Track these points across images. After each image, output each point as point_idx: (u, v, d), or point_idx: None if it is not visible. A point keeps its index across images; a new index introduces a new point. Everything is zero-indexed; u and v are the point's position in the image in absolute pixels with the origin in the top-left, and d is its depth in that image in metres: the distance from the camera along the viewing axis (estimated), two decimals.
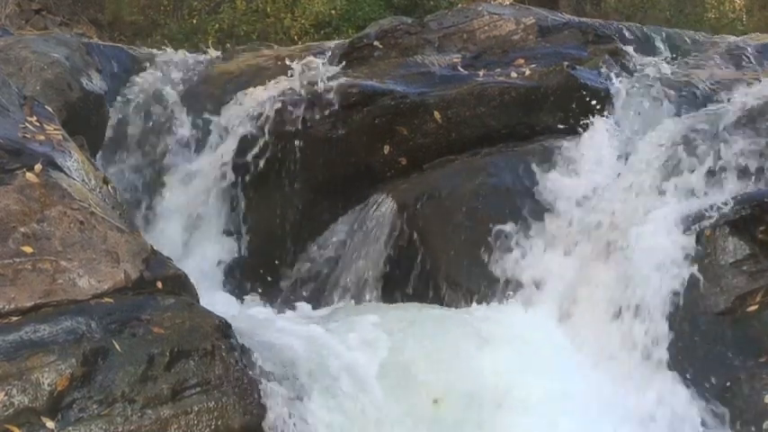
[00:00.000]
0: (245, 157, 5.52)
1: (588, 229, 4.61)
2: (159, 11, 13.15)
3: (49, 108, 4.55)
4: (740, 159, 4.42)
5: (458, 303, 4.69)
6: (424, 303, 4.73)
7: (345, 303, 4.91)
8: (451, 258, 4.85)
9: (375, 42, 6.03)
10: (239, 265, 5.53)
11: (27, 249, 3.47)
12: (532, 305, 4.54)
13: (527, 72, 5.46)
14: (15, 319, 3.28)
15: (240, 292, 5.35)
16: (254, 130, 5.52)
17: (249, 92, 5.74)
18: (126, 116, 5.94)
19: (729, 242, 4.15)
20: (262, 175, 5.51)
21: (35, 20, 12.17)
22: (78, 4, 13.01)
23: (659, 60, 5.82)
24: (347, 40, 6.58)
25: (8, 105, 4.20)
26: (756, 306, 4.02)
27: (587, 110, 5.23)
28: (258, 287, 5.40)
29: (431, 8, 11.07)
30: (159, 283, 3.64)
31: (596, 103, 5.29)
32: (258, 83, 5.78)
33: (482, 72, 5.52)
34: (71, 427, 3.10)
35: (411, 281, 4.94)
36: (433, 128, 5.30)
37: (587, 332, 4.25)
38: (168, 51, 6.61)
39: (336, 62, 5.91)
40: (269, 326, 4.08)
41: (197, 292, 3.89)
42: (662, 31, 6.41)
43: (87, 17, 12.83)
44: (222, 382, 3.31)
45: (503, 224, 4.82)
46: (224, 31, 11.91)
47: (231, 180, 5.55)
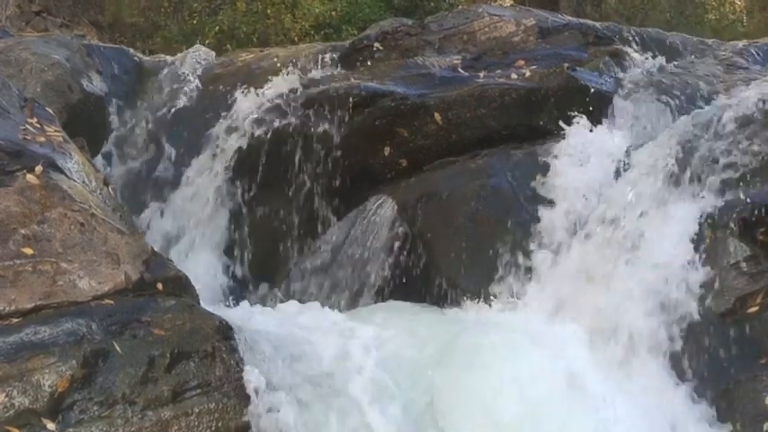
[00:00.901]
0: (244, 159, 5.53)
1: (589, 231, 4.61)
2: (159, 12, 13.13)
3: (50, 110, 4.55)
4: (741, 160, 4.42)
5: (458, 304, 4.69)
6: (424, 304, 4.73)
7: (346, 305, 4.91)
8: (452, 260, 4.84)
9: (375, 44, 6.04)
10: (239, 266, 5.54)
11: (27, 251, 3.47)
12: (532, 306, 4.54)
13: (527, 73, 5.46)
14: (16, 320, 3.29)
15: (240, 293, 5.34)
16: (253, 132, 5.52)
17: (249, 93, 5.74)
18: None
19: (730, 243, 4.16)
20: (262, 177, 5.52)
21: (35, 21, 12.18)
22: (79, 5, 13.02)
23: (660, 61, 5.82)
24: (347, 42, 6.59)
25: (8, 107, 4.20)
26: (757, 307, 4.02)
27: (588, 111, 5.22)
28: (258, 288, 5.41)
29: (431, 10, 11.07)
30: (160, 285, 3.64)
31: (597, 104, 5.29)
32: (258, 84, 5.78)
33: (482, 73, 5.52)
34: (71, 429, 3.10)
35: (411, 282, 4.94)
36: (433, 129, 5.29)
37: (587, 332, 4.25)
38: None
39: (337, 64, 5.91)
40: (269, 327, 4.07)
41: (197, 293, 3.89)
42: (661, 33, 6.41)
43: (88, 19, 12.84)
44: (223, 383, 3.32)
45: (503, 225, 4.82)
46: (224, 32, 11.90)
47: (231, 181, 5.56)
